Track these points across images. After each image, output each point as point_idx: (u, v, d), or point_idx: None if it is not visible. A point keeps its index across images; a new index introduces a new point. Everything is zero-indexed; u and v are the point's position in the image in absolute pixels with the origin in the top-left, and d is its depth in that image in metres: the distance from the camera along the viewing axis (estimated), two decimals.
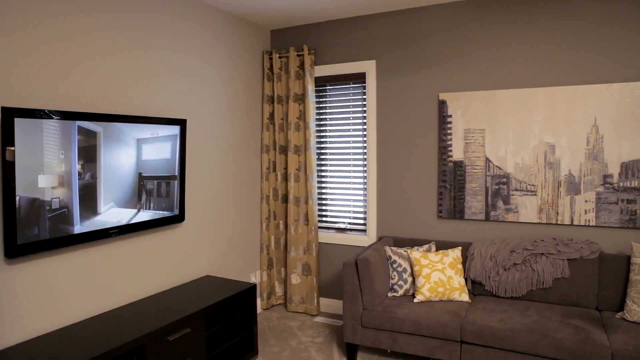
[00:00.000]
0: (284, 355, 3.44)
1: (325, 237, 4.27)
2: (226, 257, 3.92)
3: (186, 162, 3.44)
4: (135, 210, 2.88)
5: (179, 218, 3.27)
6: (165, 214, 3.11)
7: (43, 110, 2.30)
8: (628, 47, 3.15)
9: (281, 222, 4.36)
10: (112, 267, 2.89)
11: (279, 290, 4.41)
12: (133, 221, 2.86)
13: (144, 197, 2.90)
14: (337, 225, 4.29)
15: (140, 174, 2.88)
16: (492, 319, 2.93)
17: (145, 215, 2.95)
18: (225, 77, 3.84)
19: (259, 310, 4.31)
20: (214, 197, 3.76)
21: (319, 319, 4.14)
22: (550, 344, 2.69)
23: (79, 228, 2.47)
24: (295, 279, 4.22)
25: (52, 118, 2.33)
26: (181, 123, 3.22)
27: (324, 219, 4.36)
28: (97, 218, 2.62)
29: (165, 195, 3.10)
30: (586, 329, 2.75)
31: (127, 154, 2.79)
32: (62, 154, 2.35)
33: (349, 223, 4.24)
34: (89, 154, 2.53)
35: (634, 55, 3.14)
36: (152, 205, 2.97)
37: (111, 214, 2.69)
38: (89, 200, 2.55)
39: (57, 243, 2.43)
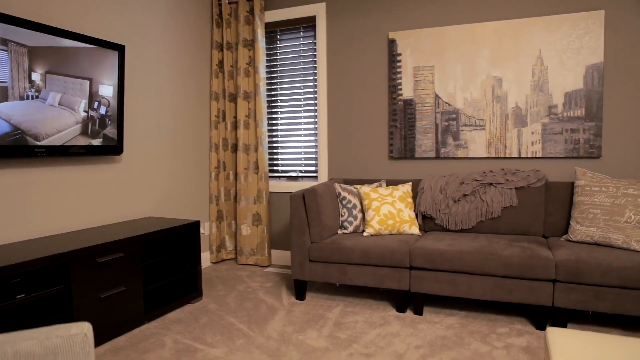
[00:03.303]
0: (230, 297, 3.28)
1: (276, 186, 4.15)
2: (171, 202, 3.74)
3: (125, 92, 3.24)
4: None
5: (117, 149, 3.07)
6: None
7: None
8: None
9: (231, 172, 4.21)
10: (39, 193, 2.67)
11: (229, 244, 4.25)
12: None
13: None
14: (288, 174, 4.18)
15: None
16: (442, 244, 2.89)
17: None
18: (172, 20, 3.68)
19: (207, 263, 4.14)
20: (158, 139, 3.58)
21: (270, 269, 4.00)
22: (498, 261, 2.67)
23: None
24: (245, 229, 4.08)
25: None
26: (119, 48, 3.04)
27: (276, 168, 4.24)
28: None
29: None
30: (532, 248, 2.74)
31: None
32: None
33: (300, 171, 4.14)
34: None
35: None
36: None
37: None
38: None
39: None
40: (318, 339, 2.58)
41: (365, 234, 3.20)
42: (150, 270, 3.14)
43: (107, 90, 2.91)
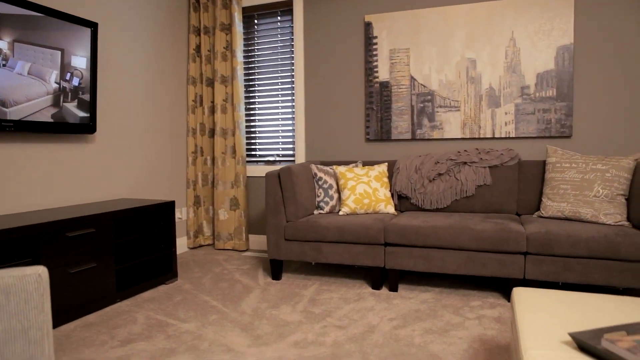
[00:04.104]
0: (205, 278, 3.26)
1: (254, 170, 4.14)
2: (147, 187, 3.69)
3: (97, 72, 3.20)
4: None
5: (89, 128, 3.03)
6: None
7: None
8: None
9: (208, 157, 4.18)
10: (5, 169, 2.62)
11: (207, 230, 4.22)
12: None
13: None
14: (266, 159, 4.17)
15: None
16: (416, 221, 2.90)
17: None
18: (149, 3, 3.65)
19: (185, 249, 4.10)
20: (133, 122, 3.53)
21: (247, 253, 3.99)
22: (471, 235, 2.69)
23: None
24: (223, 214, 4.05)
25: None
26: (92, 26, 3.00)
27: (253, 152, 4.23)
28: None
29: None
30: (504, 223, 2.77)
31: None
32: None
33: (278, 155, 4.13)
34: None
35: None
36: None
37: None
38: None
39: None
40: (292, 313, 2.57)
41: (341, 213, 3.20)
42: (124, 249, 3.10)
43: (80, 61, 2.86)
